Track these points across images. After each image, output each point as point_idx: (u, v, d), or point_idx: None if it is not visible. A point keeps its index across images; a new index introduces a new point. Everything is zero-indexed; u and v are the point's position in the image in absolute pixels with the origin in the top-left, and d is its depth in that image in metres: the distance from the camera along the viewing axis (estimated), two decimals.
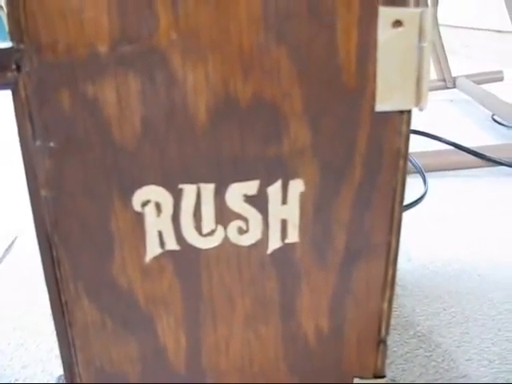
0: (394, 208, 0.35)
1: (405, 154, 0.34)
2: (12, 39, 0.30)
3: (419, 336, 0.50)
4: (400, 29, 0.31)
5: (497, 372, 0.44)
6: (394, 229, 0.35)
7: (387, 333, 0.37)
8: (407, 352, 0.48)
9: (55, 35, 0.30)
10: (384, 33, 0.31)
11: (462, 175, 0.87)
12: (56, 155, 0.32)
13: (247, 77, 0.31)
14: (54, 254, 0.33)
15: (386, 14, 0.31)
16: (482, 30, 2.17)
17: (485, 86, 1.47)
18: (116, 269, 0.34)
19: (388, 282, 0.36)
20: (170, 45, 0.30)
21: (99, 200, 0.32)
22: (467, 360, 0.46)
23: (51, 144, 0.31)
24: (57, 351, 0.49)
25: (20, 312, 0.56)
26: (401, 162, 0.34)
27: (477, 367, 0.45)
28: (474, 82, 1.48)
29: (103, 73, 0.30)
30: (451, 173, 0.87)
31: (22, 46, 0.30)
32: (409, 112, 0.33)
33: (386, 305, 0.37)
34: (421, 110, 0.33)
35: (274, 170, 0.33)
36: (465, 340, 0.49)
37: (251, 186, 0.33)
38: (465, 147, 0.77)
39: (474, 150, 0.78)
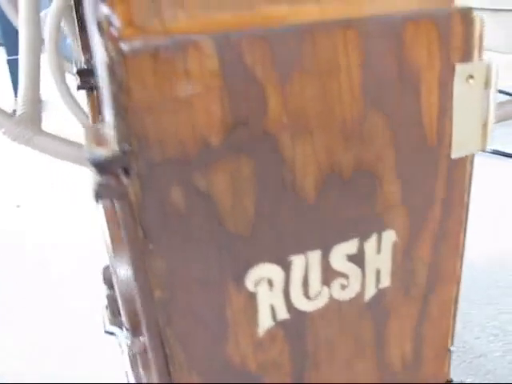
0: (462, 236, 0.38)
1: (469, 189, 0.37)
2: (118, 142, 0.27)
3: None
4: (471, 81, 0.33)
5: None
6: (461, 254, 0.39)
7: (452, 343, 0.42)
8: None
9: (164, 133, 0.28)
10: (459, 87, 0.33)
11: None
12: (169, 255, 0.30)
13: (348, 146, 0.32)
14: (167, 351, 0.32)
15: (462, 70, 0.33)
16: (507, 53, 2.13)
17: None
18: (230, 349, 0.34)
19: (454, 299, 0.40)
20: (279, 125, 0.30)
21: (214, 289, 0.32)
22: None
23: (164, 244, 0.30)
24: None
25: None
26: (465, 197, 0.37)
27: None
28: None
29: (215, 163, 0.29)
30: None
31: (129, 148, 0.27)
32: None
33: (452, 320, 0.41)
34: (483, 150, 0.36)
35: (370, 226, 0.34)
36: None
37: (352, 245, 0.34)
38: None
39: None
